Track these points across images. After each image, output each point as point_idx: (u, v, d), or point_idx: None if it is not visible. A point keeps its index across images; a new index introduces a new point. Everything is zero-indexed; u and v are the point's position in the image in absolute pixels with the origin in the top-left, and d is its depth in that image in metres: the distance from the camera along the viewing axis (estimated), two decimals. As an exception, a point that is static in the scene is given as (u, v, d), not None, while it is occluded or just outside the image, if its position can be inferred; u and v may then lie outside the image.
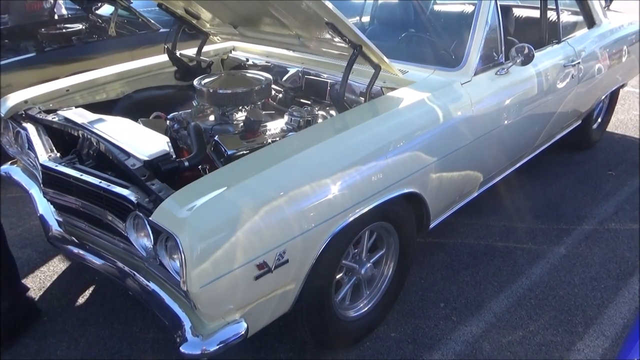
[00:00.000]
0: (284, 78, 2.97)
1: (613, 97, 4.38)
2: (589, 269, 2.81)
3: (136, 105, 2.95)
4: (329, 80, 2.63)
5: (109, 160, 2.02)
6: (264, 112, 2.59)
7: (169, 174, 1.90)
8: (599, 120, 4.38)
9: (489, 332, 2.37)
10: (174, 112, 2.77)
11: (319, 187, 1.77)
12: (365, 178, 1.91)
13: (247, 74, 2.64)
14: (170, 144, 2.05)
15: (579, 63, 3.24)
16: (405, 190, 2.09)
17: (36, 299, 2.59)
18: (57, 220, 2.17)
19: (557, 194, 3.61)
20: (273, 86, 2.71)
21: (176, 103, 3.06)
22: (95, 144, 2.11)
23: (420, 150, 2.15)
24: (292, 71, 2.87)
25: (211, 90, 2.43)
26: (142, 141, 2.06)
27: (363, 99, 2.34)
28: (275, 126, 2.42)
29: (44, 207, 2.24)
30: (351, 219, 1.87)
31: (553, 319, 2.45)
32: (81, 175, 1.92)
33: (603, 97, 3.98)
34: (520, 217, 3.30)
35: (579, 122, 3.85)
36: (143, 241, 1.76)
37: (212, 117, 2.62)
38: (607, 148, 4.36)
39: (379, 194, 1.96)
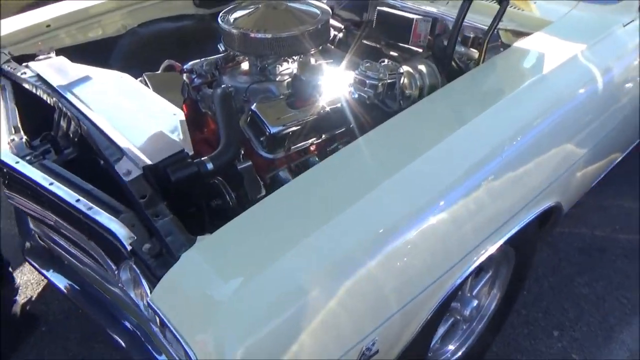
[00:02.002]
0: (342, 5, 2.14)
1: None
2: None
3: (143, 44, 2.19)
4: (416, 16, 1.79)
5: (96, 152, 1.33)
6: (319, 63, 1.81)
7: (184, 185, 1.21)
8: None
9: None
10: (193, 54, 2.01)
11: (426, 235, 1.05)
12: (495, 202, 1.18)
13: (296, 5, 1.81)
14: (185, 128, 1.34)
15: None
16: (544, 207, 1.36)
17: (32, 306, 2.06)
18: (34, 231, 1.54)
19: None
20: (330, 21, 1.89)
21: (197, 40, 2.28)
22: (75, 124, 1.41)
23: (571, 140, 1.38)
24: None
25: (243, 34, 1.64)
26: (143, 123, 1.35)
27: (475, 50, 1.53)
28: (337, 88, 1.65)
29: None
30: (470, 268, 1.17)
31: None
32: (50, 184, 1.23)
33: None
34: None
35: None
36: (144, 301, 1.12)
37: (245, 67, 1.86)
38: None
39: (510, 222, 1.24)
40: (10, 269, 1.98)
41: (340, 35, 1.98)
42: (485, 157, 1.18)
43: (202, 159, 1.26)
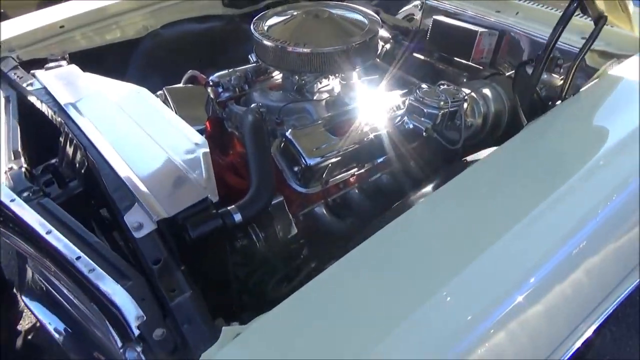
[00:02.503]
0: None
1: None
2: None
3: (165, 48, 1.98)
4: (480, 28, 1.53)
5: (103, 192, 1.12)
6: (364, 81, 1.58)
7: (206, 241, 0.99)
8: None
9: None
10: (221, 60, 1.80)
11: (518, 321, 0.81)
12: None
13: (340, 13, 1.57)
14: (209, 164, 1.12)
15: None
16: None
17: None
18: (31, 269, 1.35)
19: None
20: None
21: (226, 44, 2.06)
22: (82, 153, 1.20)
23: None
24: (406, 5, 1.77)
25: (279, 47, 1.41)
26: (160, 158, 1.13)
27: (559, 77, 1.27)
28: (384, 112, 1.42)
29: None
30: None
31: None
32: (48, 232, 1.03)
33: None
34: None
35: None
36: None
37: (279, 81, 1.63)
38: None
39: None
40: (14, 290, 1.81)
41: (388, 46, 1.72)
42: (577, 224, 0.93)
43: (229, 208, 1.04)
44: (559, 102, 1.22)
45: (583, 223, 0.94)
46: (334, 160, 1.37)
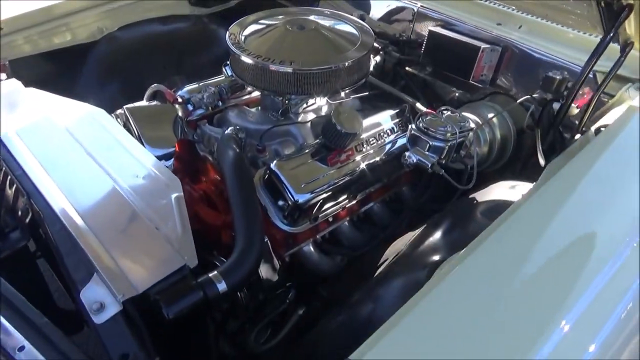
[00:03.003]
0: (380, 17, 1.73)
1: None
2: None
3: (124, 53, 1.76)
4: (482, 44, 1.39)
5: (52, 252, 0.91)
6: (354, 100, 1.41)
7: (184, 320, 0.81)
8: None
9: None
10: (189, 67, 1.61)
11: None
12: None
13: (328, 24, 1.39)
14: (184, 213, 0.94)
15: None
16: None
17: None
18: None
19: None
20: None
21: (194, 48, 1.85)
22: (25, 200, 0.99)
23: None
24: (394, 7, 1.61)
25: (259, 65, 1.23)
26: (123, 208, 0.94)
27: (576, 105, 1.14)
28: (378, 136, 1.27)
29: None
30: None
31: None
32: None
33: None
34: None
35: None
36: None
37: (258, 98, 1.45)
38: None
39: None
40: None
41: (377, 58, 1.56)
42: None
43: (211, 275, 0.86)
44: (578, 135, 1.10)
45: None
46: (325, 196, 1.21)
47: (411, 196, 1.41)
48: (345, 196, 1.28)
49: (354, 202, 1.33)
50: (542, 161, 1.06)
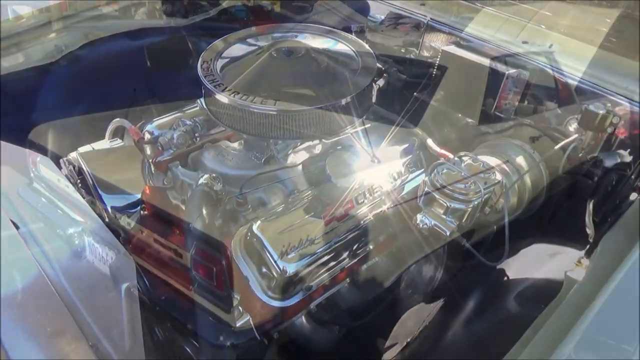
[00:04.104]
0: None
1: None
2: None
3: (87, 75, 1.53)
4: (506, 69, 1.15)
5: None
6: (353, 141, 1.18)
7: None
8: None
9: None
10: (165, 87, 1.41)
11: None
12: None
13: (320, 46, 1.15)
14: (137, 315, 0.72)
15: None
16: None
17: None
18: None
19: None
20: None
21: (169, 66, 1.62)
22: None
23: None
24: (399, 17, 1.38)
25: (238, 105, 1.00)
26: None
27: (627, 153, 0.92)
28: (382, 181, 1.05)
29: None
30: None
31: None
32: None
33: None
34: None
35: None
36: None
37: (238, 146, 1.21)
38: None
39: None
40: None
41: (381, 82, 1.32)
42: None
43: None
44: (634, 195, 0.87)
45: None
46: (318, 263, 0.99)
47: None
48: (344, 257, 1.07)
49: (354, 262, 1.11)
50: (590, 232, 0.84)
